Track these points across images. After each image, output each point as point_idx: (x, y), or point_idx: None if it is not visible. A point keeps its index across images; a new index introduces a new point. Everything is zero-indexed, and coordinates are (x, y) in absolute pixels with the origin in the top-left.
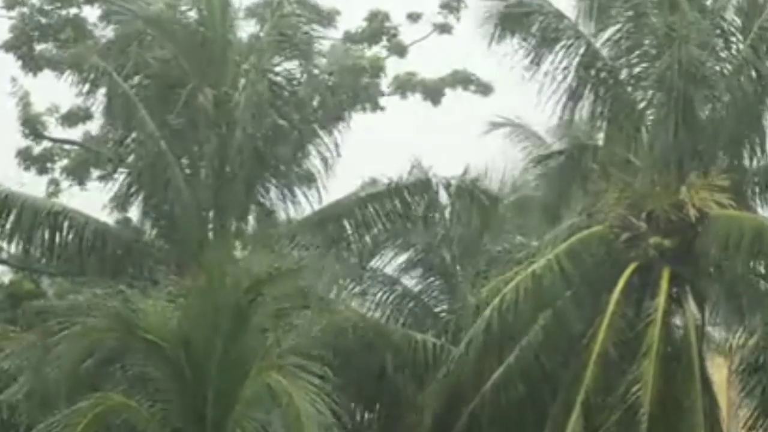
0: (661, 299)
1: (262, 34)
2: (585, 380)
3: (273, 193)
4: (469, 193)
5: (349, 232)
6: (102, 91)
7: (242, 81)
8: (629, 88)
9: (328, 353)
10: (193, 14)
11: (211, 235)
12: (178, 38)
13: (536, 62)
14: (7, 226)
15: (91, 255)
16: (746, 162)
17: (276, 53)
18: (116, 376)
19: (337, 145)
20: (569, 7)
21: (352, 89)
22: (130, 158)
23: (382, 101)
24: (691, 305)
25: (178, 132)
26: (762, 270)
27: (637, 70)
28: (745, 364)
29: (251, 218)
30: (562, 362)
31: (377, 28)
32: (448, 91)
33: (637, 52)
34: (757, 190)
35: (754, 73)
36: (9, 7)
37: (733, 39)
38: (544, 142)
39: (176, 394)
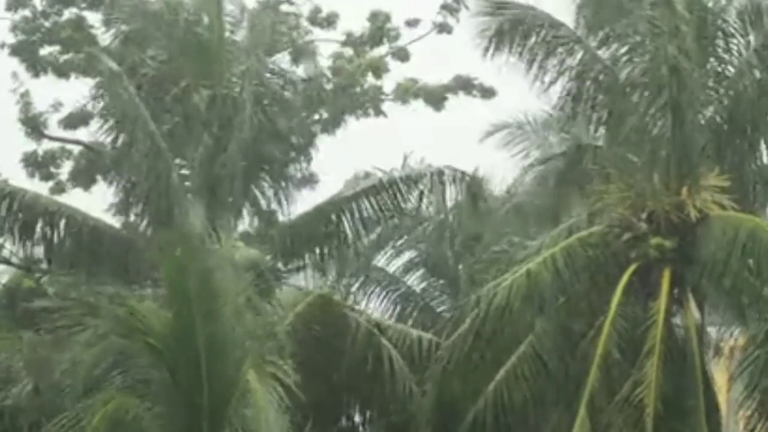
0: (662, 300)
1: (256, 35)
2: (589, 381)
3: (268, 193)
4: (470, 191)
5: (346, 227)
6: (103, 91)
7: (237, 81)
8: (628, 89)
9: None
10: (189, 14)
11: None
12: (175, 37)
13: (537, 70)
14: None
15: (90, 254)
16: (749, 163)
17: (271, 54)
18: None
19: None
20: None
21: (354, 92)
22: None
23: (385, 105)
24: (692, 306)
25: (171, 132)
26: (761, 270)
27: (635, 70)
28: (745, 364)
29: (245, 218)
30: (563, 363)
31: (379, 28)
32: (449, 95)
33: (632, 52)
34: (759, 189)
35: (757, 74)
36: (11, 8)
37: (734, 41)
38: (544, 143)
39: (173, 396)
